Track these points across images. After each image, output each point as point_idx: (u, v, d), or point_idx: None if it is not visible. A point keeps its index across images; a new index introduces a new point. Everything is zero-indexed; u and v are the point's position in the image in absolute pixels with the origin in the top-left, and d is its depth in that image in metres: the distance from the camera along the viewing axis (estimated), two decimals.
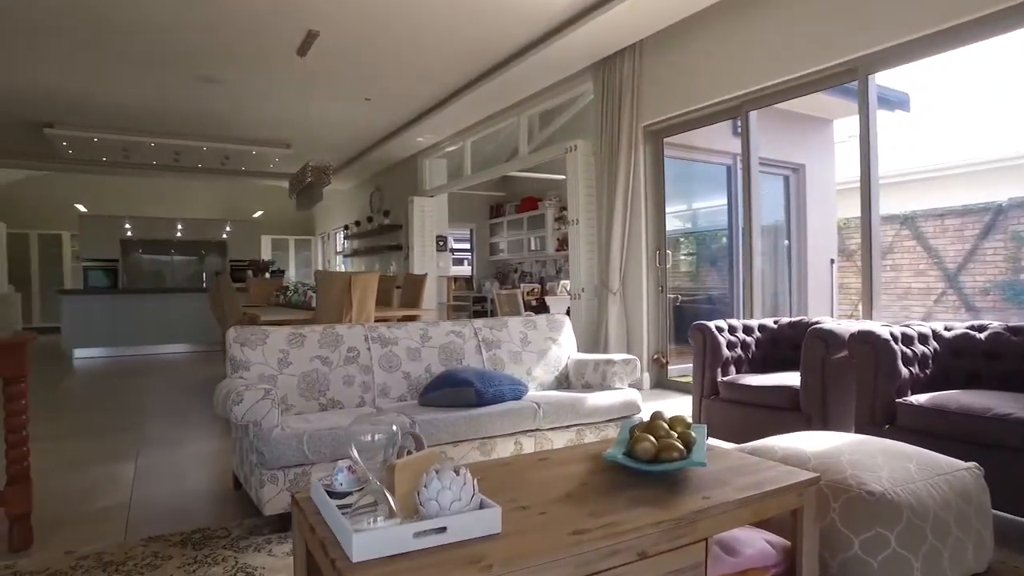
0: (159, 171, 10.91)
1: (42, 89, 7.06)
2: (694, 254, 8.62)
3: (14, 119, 8.14)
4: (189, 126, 8.60)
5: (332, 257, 15.58)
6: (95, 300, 8.78)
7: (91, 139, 8.68)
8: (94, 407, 5.33)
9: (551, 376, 3.67)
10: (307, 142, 9.58)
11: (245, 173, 11.34)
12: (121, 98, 7.38)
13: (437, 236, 10.21)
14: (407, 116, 8.40)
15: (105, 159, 9.96)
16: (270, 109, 7.89)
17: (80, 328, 8.65)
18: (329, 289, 4.24)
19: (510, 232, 13.50)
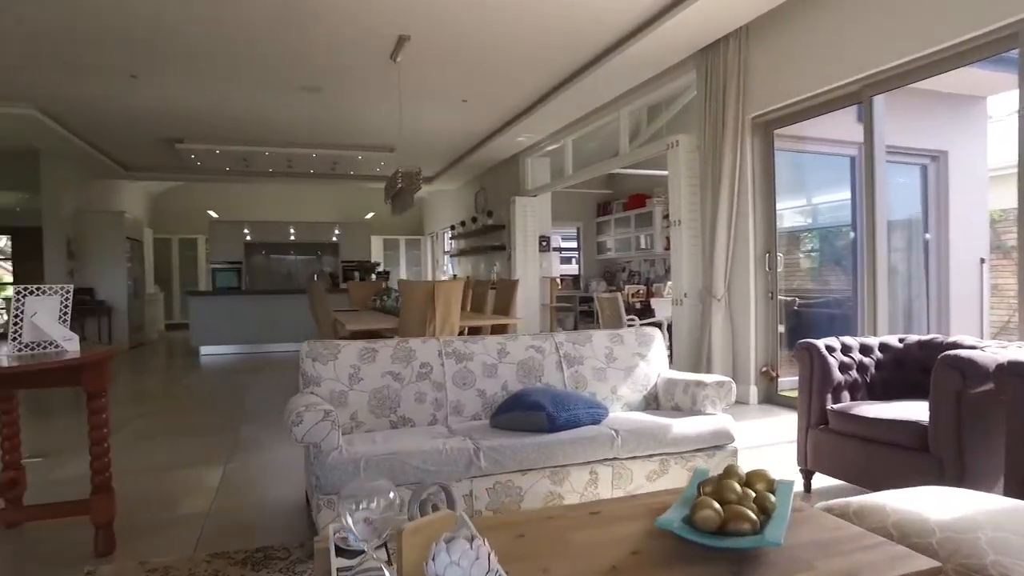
0: (276, 178, 11.52)
1: (173, 109, 7.58)
2: (817, 250, 7.92)
3: (152, 137, 8.84)
4: (298, 135, 8.97)
5: (440, 257, 15.85)
6: (218, 301, 9.38)
7: (214, 151, 9.27)
8: (204, 405, 5.61)
9: (638, 395, 3.38)
10: (409, 145, 9.72)
11: (354, 177, 11.73)
12: (238, 112, 7.80)
13: (540, 236, 10.04)
14: (505, 116, 8.28)
15: (228, 169, 10.63)
16: (370, 115, 8.04)
17: (205, 327, 9.27)
18: (412, 298, 4.17)
19: (617, 230, 13.12)
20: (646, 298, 9.44)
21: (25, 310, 2.48)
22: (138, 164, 10.82)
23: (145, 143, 9.21)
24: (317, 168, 10.82)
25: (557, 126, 8.42)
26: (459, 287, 4.29)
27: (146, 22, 5.15)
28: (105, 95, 7.00)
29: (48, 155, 9.49)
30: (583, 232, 14.15)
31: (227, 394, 6.21)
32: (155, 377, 7.56)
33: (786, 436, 3.90)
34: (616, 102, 7.31)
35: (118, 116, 7.81)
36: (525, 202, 9.85)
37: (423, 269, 16.94)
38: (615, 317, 7.37)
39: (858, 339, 3.14)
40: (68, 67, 6.19)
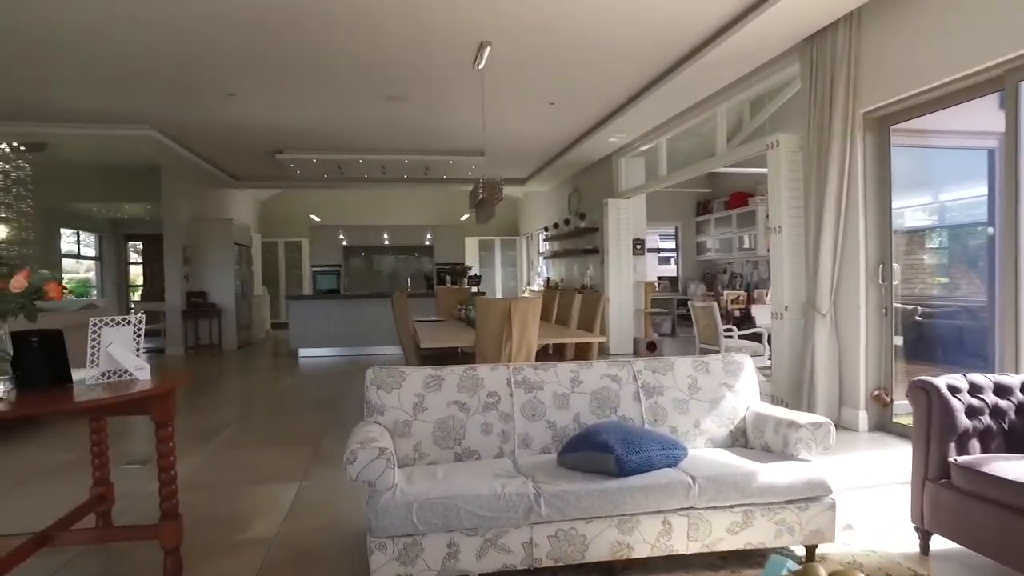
0: (371, 183, 11.81)
1: (270, 123, 7.90)
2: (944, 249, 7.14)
3: (255, 149, 9.28)
4: (389, 142, 9.10)
5: (535, 258, 15.74)
6: (316, 305, 9.71)
7: (311, 160, 9.60)
8: (293, 412, 5.76)
9: (724, 430, 3.07)
10: (499, 149, 9.65)
11: (447, 180, 11.81)
12: (330, 123, 8.00)
13: (634, 239, 9.68)
14: (595, 118, 8.01)
15: (325, 176, 10.99)
16: (456, 121, 8.01)
17: (303, 330, 9.62)
18: (488, 317, 4.03)
19: (718, 230, 12.53)
20: (746, 305, 8.88)
21: (101, 340, 2.54)
22: (245, 174, 11.42)
23: (249, 154, 9.67)
24: (410, 173, 10.98)
25: (650, 125, 8.06)
26: (536, 305, 4.11)
27: (238, 47, 5.35)
28: (208, 113, 7.37)
29: (167, 169, 10.18)
30: (681, 232, 13.60)
31: (317, 400, 6.36)
32: (253, 379, 7.90)
33: (901, 475, 3.44)
34: (713, 98, 6.87)
35: (223, 131, 8.22)
36: (618, 204, 9.53)
37: (518, 270, 16.91)
38: (711, 328, 6.93)
39: (993, 377, 2.68)
40: (175, 90, 6.55)
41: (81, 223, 12.69)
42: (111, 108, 7.19)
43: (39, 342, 2.43)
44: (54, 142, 8.57)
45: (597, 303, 5.72)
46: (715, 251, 12.73)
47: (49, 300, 2.33)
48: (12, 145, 8.46)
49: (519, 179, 12.64)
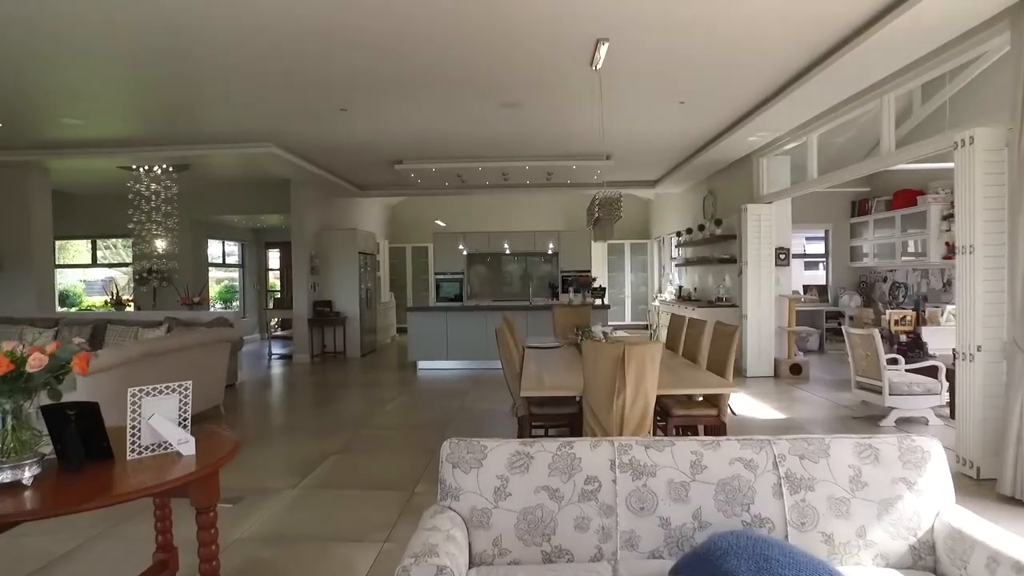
0: (493, 189, 11.51)
1: (386, 135, 7.78)
2: None
3: (376, 159, 9.25)
4: (508, 149, 8.70)
5: (666, 263, 14.78)
6: (435, 317, 9.53)
7: (430, 169, 9.42)
8: (395, 440, 5.47)
9: (901, 543, 2.28)
10: (625, 152, 8.95)
11: (571, 185, 11.25)
12: (445, 133, 7.73)
13: (777, 248, 8.60)
14: (732, 115, 7.11)
15: (446, 184, 10.82)
16: (576, 125, 7.43)
17: (422, 342, 9.48)
18: (597, 363, 3.43)
19: (878, 233, 11.06)
20: (914, 327, 7.55)
21: (142, 412, 2.25)
22: (368, 183, 11.54)
23: (369, 165, 9.68)
24: (532, 179, 10.54)
25: (797, 122, 7.02)
26: (655, 353, 3.44)
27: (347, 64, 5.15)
28: (323, 128, 7.34)
29: (295, 182, 10.45)
30: (833, 235, 12.15)
31: (425, 424, 6.07)
32: (367, 395, 7.78)
33: None
34: (878, 86, 5.77)
35: (340, 145, 8.22)
36: (759, 210, 8.50)
37: (649, 276, 16.01)
38: (870, 360, 5.85)
39: None
40: (291, 108, 6.53)
41: (225, 233, 13.49)
42: (238, 129, 7.37)
43: (76, 415, 2.17)
44: (195, 162, 9.01)
45: (731, 338, 4.92)
46: (872, 257, 11.22)
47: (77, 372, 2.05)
48: (162, 167, 8.97)
49: (649, 181, 11.82)
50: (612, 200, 4.93)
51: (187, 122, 7.10)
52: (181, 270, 11.74)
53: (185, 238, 11.77)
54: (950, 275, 9.69)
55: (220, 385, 6.46)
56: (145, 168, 8.86)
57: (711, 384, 3.88)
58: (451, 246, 13.63)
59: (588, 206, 6.06)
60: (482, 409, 6.74)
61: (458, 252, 13.61)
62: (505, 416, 6.22)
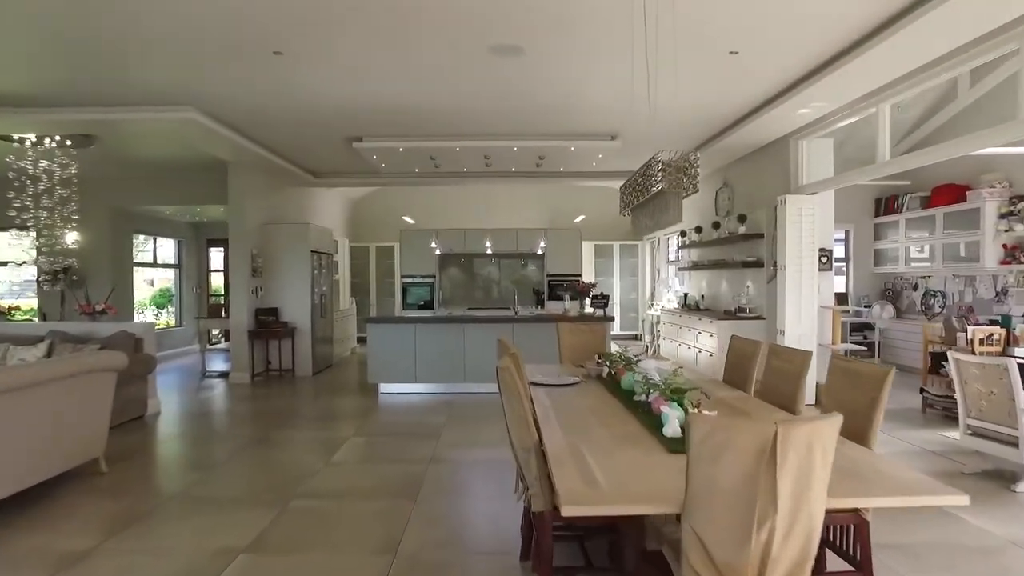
0: (471, 178, 9.76)
1: (343, 100, 6.01)
2: None
3: (330, 134, 7.45)
4: (493, 122, 6.99)
5: (662, 267, 13.23)
6: (401, 330, 7.78)
7: (396, 149, 7.67)
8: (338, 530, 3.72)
9: None
10: (638, 131, 7.31)
11: (563, 174, 9.60)
12: (419, 98, 6.00)
13: (820, 250, 7.08)
14: (789, 76, 5.50)
15: (416, 170, 9.07)
16: (591, 87, 5.78)
17: (385, 361, 7.72)
18: (719, 462, 1.75)
19: (911, 233, 9.71)
20: (1004, 347, 6.06)
21: None
22: (324, 169, 9.71)
23: (322, 143, 7.87)
24: (519, 164, 8.86)
25: (870, 86, 5.46)
26: (831, 433, 1.77)
27: None
28: (255, 84, 5.54)
29: (235, 166, 8.62)
30: (854, 236, 10.75)
31: (387, 492, 4.33)
32: (310, 438, 5.97)
33: None
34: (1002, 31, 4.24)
35: (282, 111, 6.40)
36: (800, 203, 6.95)
37: (639, 281, 14.45)
38: (996, 401, 4.30)
39: None
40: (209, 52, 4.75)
41: (157, 227, 11.52)
42: (147, 87, 5.56)
43: None
44: (103, 136, 7.14)
45: (802, 366, 3.30)
46: (902, 262, 9.83)
47: None
48: (57, 140, 7.08)
49: None
50: (686, 164, 3.28)
51: (79, 71, 5.24)
52: (98, 270, 9.80)
53: (102, 232, 9.84)
54: (1006, 283, 8.32)
55: (100, 430, 4.63)
56: (32, 140, 6.95)
57: (919, 488, 2.12)
58: (421, 245, 11.88)
59: (627, 183, 4.41)
60: (464, 461, 5.02)
61: (429, 252, 11.87)
62: (499, 479, 4.51)
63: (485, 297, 12.64)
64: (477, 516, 3.88)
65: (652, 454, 2.38)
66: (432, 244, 11.85)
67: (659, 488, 2.01)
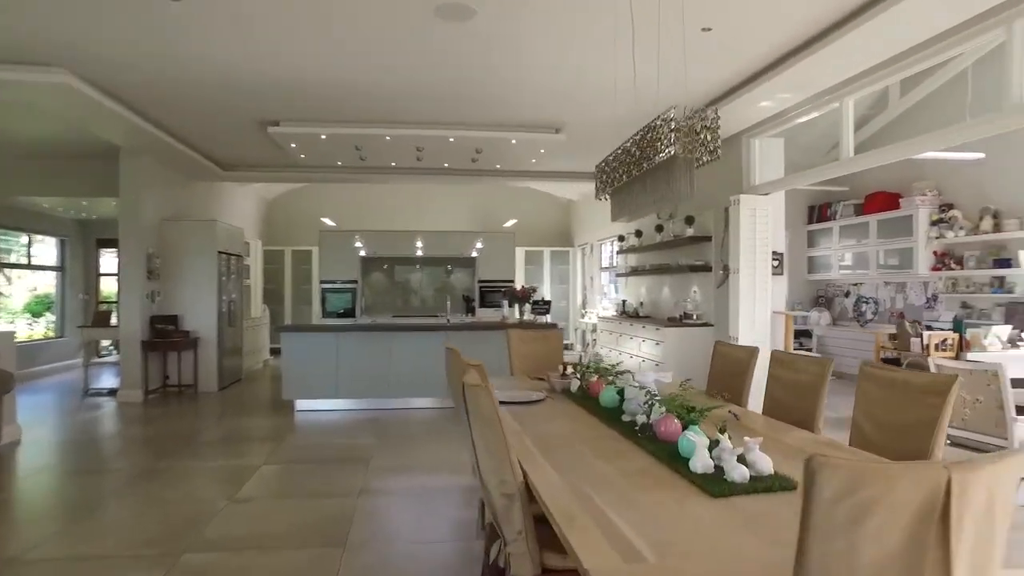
0: (400, 175, 8.97)
1: (259, 67, 5.12)
2: None
3: (241, 116, 6.50)
4: (432, 109, 6.28)
5: (596, 274, 12.84)
6: (319, 340, 6.90)
7: (318, 136, 6.81)
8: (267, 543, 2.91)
9: None
10: (585, 124, 6.81)
11: (499, 173, 8.98)
12: (345, 71, 5.20)
13: (773, 253, 6.77)
14: (758, 62, 5.09)
15: (340, 163, 8.21)
16: (542, 68, 5.19)
17: (301, 374, 6.82)
18: (869, 514, 1.13)
19: (843, 242, 9.71)
20: (957, 352, 5.88)
21: None
22: (235, 160, 8.68)
23: (233, 127, 6.91)
24: (454, 161, 8.16)
25: (843, 75, 5.11)
26: (1015, 474, 1.22)
27: None
28: (145, 42, 4.60)
29: (128, 152, 7.51)
30: (788, 244, 10.67)
31: (304, 540, 3.52)
32: (210, 468, 5.05)
33: None
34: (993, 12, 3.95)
35: (182, 82, 5.44)
36: (754, 203, 6.62)
37: (570, 288, 14.01)
38: (981, 409, 3.98)
39: None
40: None
41: (33, 223, 10.06)
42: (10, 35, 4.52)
43: None
44: None
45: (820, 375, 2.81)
46: (835, 269, 9.83)
47: None
48: None
49: (590, 173, 9.75)
50: (701, 126, 2.68)
51: None
52: None
53: None
54: (936, 289, 8.35)
55: None
56: None
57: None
58: (343, 248, 10.96)
59: (608, 159, 3.79)
60: (401, 492, 4.26)
61: (351, 256, 10.95)
62: (447, 514, 3.79)
63: (411, 304, 11.83)
64: (426, 567, 3.15)
65: (688, 500, 1.75)
66: (357, 244, 10.94)
67: (734, 557, 1.38)
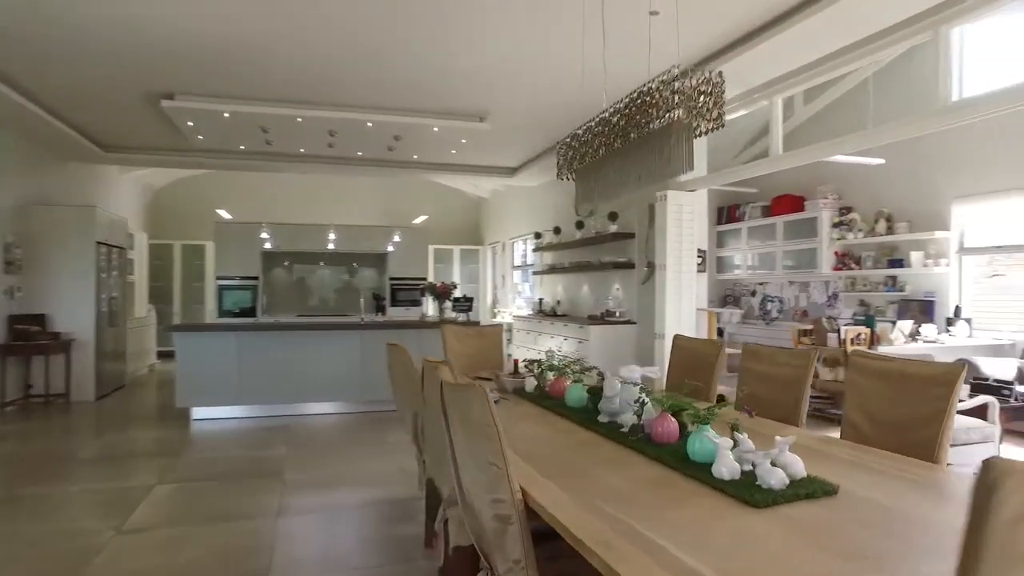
0: (308, 163, 8.33)
1: (150, 34, 4.45)
2: None
3: (128, 85, 5.70)
4: (351, 89, 5.78)
5: (508, 272, 12.63)
6: (217, 340, 6.21)
7: (220, 114, 6.12)
8: None
9: None
10: (511, 113, 6.52)
11: (415, 165, 8.54)
12: (253, 37, 4.63)
13: (698, 250, 6.78)
14: (702, 50, 4.99)
15: (243, 147, 7.49)
16: (470, 48, 4.84)
17: (197, 378, 6.11)
18: None
19: (751, 243, 10.00)
20: (869, 346, 6.10)
21: None
22: (117, 141, 7.72)
23: (118, 99, 6.08)
24: (368, 149, 7.65)
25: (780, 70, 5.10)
26: None
27: None
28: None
29: None
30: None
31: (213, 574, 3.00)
32: (86, 493, 4.34)
33: None
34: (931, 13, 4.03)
35: (51, 39, 4.66)
36: (680, 199, 6.59)
37: (480, 287, 13.73)
38: None
39: None
40: None
41: None
42: None
43: None
44: None
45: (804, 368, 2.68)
46: (744, 269, 10.13)
47: None
48: None
49: (507, 169, 9.53)
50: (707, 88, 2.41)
51: None
52: None
53: None
54: (836, 287, 8.76)
55: None
56: None
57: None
58: (242, 242, 10.10)
59: (577, 132, 3.47)
60: (326, 510, 3.79)
61: (252, 250, 10.11)
62: (384, 532, 3.37)
63: (317, 303, 11.11)
64: None
65: (727, 513, 1.49)
66: (260, 238, 10.12)
67: None
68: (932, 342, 6.29)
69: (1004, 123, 5.72)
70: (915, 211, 7.40)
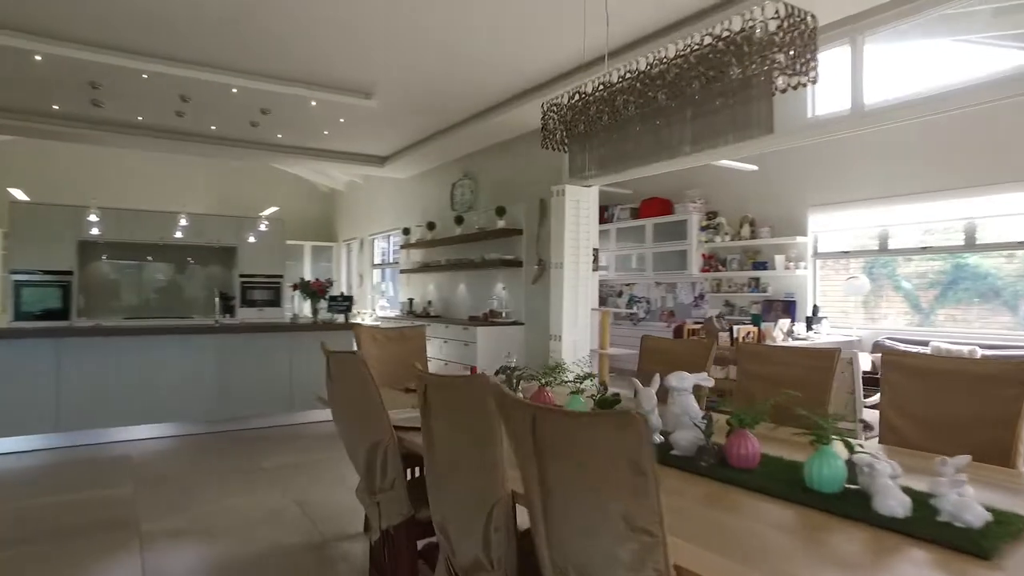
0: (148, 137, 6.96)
1: None
2: None
3: None
4: (216, 42, 4.78)
5: (367, 271, 11.77)
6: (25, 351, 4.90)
7: (32, 56, 4.79)
8: None
9: None
10: (402, 90, 5.86)
11: (278, 147, 7.52)
12: None
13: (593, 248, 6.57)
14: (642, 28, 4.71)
15: (56, 107, 6.04)
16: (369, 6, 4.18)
17: None
18: None
19: (620, 244, 10.15)
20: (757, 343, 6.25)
21: None
22: None
23: None
24: (225, 126, 6.55)
25: None
26: None
27: None
28: None
29: None
30: None
31: None
32: None
33: None
34: None
35: None
36: (578, 195, 6.33)
37: (336, 287, 12.69)
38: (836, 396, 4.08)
39: None
40: None
41: None
42: None
43: None
44: None
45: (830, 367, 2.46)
46: (613, 270, 10.26)
47: None
48: None
49: (377, 158, 8.77)
50: (790, 23, 1.93)
51: None
52: None
53: None
54: (703, 288, 9.09)
55: None
56: None
57: None
58: (49, 229, 8.30)
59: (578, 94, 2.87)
60: (207, 570, 2.93)
61: (62, 240, 8.36)
62: None
63: (148, 303, 9.51)
64: None
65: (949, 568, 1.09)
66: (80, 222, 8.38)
67: None
68: (803, 339, 6.63)
69: (860, 139, 6.13)
70: (776, 217, 7.80)
